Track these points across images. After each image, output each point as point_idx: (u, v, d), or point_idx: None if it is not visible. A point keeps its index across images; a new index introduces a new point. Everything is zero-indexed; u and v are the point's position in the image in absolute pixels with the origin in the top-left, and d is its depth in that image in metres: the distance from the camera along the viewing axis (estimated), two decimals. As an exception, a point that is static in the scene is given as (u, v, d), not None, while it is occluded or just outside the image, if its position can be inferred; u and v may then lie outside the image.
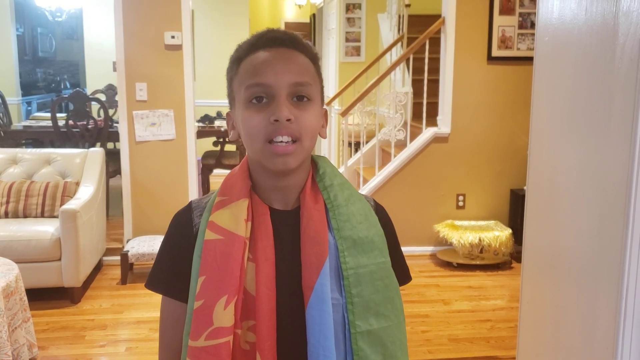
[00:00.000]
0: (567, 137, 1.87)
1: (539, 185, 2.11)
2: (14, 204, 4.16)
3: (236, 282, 1.01)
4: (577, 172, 1.79)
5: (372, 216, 1.10)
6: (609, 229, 1.59)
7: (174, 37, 4.53)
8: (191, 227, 1.09)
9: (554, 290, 1.96)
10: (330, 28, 8.38)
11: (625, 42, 1.51)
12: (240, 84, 1.05)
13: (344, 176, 1.13)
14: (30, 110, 9.18)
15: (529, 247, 2.18)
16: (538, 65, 2.09)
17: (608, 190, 1.61)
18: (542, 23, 2.02)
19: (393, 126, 5.03)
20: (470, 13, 4.81)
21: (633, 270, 1.49)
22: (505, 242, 4.64)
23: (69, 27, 11.12)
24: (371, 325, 1.03)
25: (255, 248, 1.04)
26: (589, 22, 1.71)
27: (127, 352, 3.31)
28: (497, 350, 3.36)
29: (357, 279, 1.04)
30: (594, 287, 1.68)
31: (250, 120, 1.02)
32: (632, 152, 1.48)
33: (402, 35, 6.17)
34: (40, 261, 3.81)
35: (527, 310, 2.19)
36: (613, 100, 1.58)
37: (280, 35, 1.06)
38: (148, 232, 4.62)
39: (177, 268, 1.08)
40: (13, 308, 2.87)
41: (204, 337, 1.00)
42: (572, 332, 1.82)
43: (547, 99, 2.02)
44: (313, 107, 1.04)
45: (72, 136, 5.59)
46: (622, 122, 1.52)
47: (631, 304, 1.50)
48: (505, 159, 4.98)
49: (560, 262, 1.91)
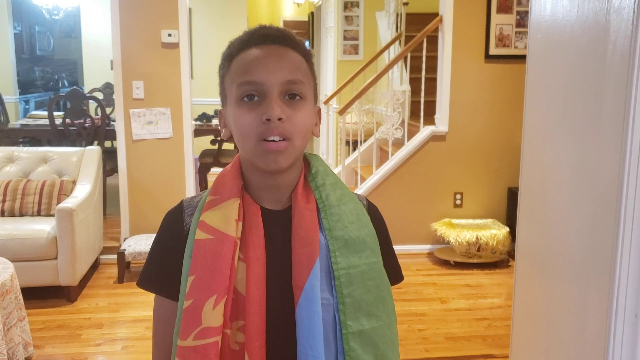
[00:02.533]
0: (560, 135, 1.87)
1: (531, 184, 2.11)
2: (10, 203, 4.16)
3: (225, 282, 1.01)
4: (569, 170, 1.79)
5: (364, 216, 1.10)
6: (601, 227, 1.59)
7: (171, 35, 4.53)
8: (182, 226, 1.09)
9: (546, 289, 1.96)
10: (328, 26, 8.37)
11: (617, 39, 1.51)
12: (231, 81, 1.04)
13: (336, 175, 1.12)
14: (28, 108, 9.18)
15: (521, 245, 2.18)
16: (531, 62, 2.09)
17: (600, 189, 1.60)
18: (534, 21, 2.02)
19: (391, 124, 5.03)
20: (468, 11, 4.80)
21: (624, 268, 1.49)
22: (503, 240, 4.64)
23: (66, 25, 11.11)
24: (362, 326, 1.03)
25: (246, 248, 1.03)
26: (581, 19, 1.71)
27: (123, 351, 3.31)
28: (493, 348, 3.36)
29: (348, 279, 1.03)
30: (586, 285, 1.68)
31: (241, 119, 1.01)
32: (624, 150, 1.48)
33: (400, 33, 6.17)
34: (36, 260, 3.81)
35: (520, 308, 2.19)
36: (605, 97, 1.58)
37: (272, 32, 1.05)
38: (145, 230, 4.62)
39: (168, 267, 1.08)
40: (8, 307, 2.87)
41: (193, 336, 1.00)
42: (564, 330, 1.82)
43: (539, 97, 2.02)
44: (305, 106, 1.03)
45: (69, 134, 5.59)
46: (614, 119, 1.52)
47: (622, 302, 1.50)
48: (503, 157, 4.98)
49: (552, 260, 1.91)
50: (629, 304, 1.49)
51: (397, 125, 5.03)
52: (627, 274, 1.48)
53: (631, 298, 1.50)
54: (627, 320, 1.49)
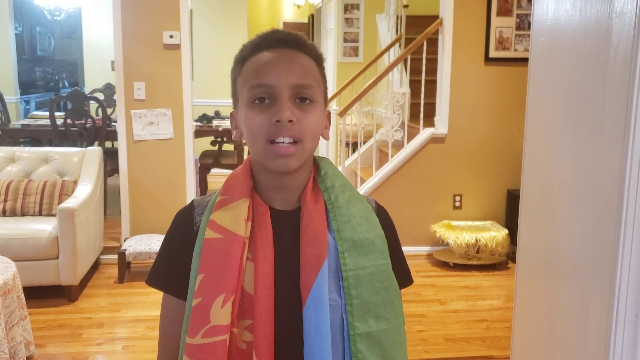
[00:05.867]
0: (561, 138, 1.88)
1: (533, 186, 2.13)
2: (12, 202, 4.17)
3: (234, 281, 1.02)
4: (571, 172, 1.81)
5: (373, 218, 1.11)
6: (603, 229, 1.61)
7: (172, 37, 4.54)
8: (192, 225, 1.10)
9: (548, 291, 1.97)
10: (328, 28, 8.39)
11: (619, 44, 1.53)
12: (243, 84, 1.05)
13: (345, 177, 1.13)
14: (29, 109, 9.18)
15: (523, 247, 2.20)
16: (533, 66, 2.10)
17: (601, 191, 1.62)
18: (537, 24, 2.04)
19: (390, 126, 5.05)
20: (468, 14, 4.82)
21: (625, 270, 1.50)
22: (502, 242, 4.65)
23: (67, 26, 11.11)
24: (370, 327, 1.03)
25: (255, 248, 1.04)
26: (583, 24, 1.72)
27: (123, 351, 3.32)
28: (492, 350, 3.38)
29: (356, 281, 1.04)
30: (587, 287, 1.69)
31: (252, 121, 1.02)
32: (625, 153, 1.49)
33: (400, 35, 6.18)
34: (37, 259, 3.82)
35: (521, 310, 2.21)
36: (606, 101, 1.60)
37: (284, 36, 1.06)
38: (145, 231, 4.62)
39: (177, 265, 1.09)
40: (10, 306, 2.88)
41: (201, 334, 1.01)
42: (566, 332, 1.83)
43: (541, 100, 2.04)
44: (316, 109, 1.05)
45: (70, 135, 5.59)
46: (616, 123, 1.54)
47: (623, 304, 1.52)
48: (502, 159, 4.99)
49: (553, 262, 1.93)
50: (630, 305, 1.51)
51: (396, 127, 5.05)
52: (627, 275, 1.50)
53: (632, 299, 1.51)
54: (627, 321, 1.51)
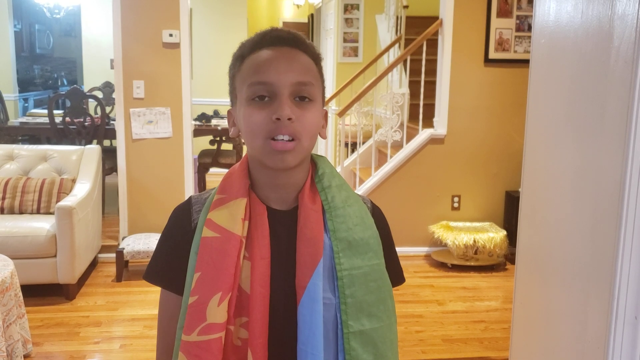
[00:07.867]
0: (562, 140, 1.88)
1: (533, 187, 2.12)
2: (10, 200, 4.16)
3: (230, 280, 1.02)
4: (571, 174, 1.80)
5: (369, 218, 1.11)
6: (602, 231, 1.60)
7: (171, 35, 4.54)
8: (190, 222, 1.10)
9: (547, 292, 1.97)
10: (328, 28, 8.39)
11: (620, 45, 1.53)
12: (242, 81, 1.05)
13: (342, 177, 1.14)
14: (27, 106, 9.17)
15: (522, 248, 2.20)
16: (534, 67, 2.10)
17: (602, 193, 1.62)
18: (538, 26, 2.03)
19: (390, 127, 5.05)
20: (468, 15, 4.82)
21: (625, 272, 1.50)
22: (500, 243, 4.65)
23: (66, 24, 11.09)
24: (363, 326, 1.04)
25: (252, 247, 1.05)
26: (584, 25, 1.72)
27: (121, 349, 3.31)
28: (490, 351, 3.38)
29: (351, 280, 1.05)
30: (587, 289, 1.69)
31: (251, 118, 1.03)
32: (626, 155, 1.49)
33: (400, 36, 6.18)
34: (35, 257, 3.81)
35: (520, 311, 2.20)
36: (607, 102, 1.59)
37: (284, 35, 1.07)
38: (144, 229, 4.62)
39: (174, 262, 1.09)
40: (8, 304, 2.87)
41: (197, 332, 1.01)
42: (564, 334, 1.83)
43: (542, 101, 2.04)
44: (314, 108, 1.05)
45: (69, 133, 5.59)
46: (616, 124, 1.54)
47: (622, 305, 1.52)
48: (501, 161, 4.99)
49: (553, 264, 1.92)
50: (629, 307, 1.51)
51: (395, 128, 5.05)
52: (627, 276, 1.50)
53: (631, 300, 1.51)
54: (627, 323, 1.51)
